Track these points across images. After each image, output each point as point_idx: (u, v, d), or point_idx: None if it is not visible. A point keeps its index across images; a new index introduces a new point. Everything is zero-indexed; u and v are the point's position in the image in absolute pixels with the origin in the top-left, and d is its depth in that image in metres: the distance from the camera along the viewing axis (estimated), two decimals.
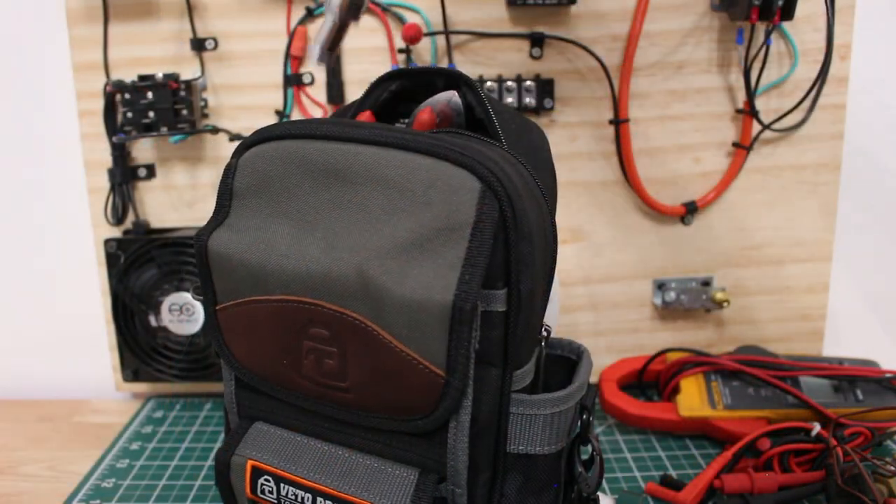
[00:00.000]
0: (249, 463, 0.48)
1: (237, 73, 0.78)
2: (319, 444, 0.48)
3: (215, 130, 0.78)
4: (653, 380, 0.78)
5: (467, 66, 0.77)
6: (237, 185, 0.47)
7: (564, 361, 0.52)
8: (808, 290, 0.83)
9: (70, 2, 0.76)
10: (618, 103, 0.77)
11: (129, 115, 0.75)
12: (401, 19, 0.76)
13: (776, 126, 0.78)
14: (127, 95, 0.75)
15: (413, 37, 0.72)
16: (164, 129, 0.75)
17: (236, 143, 0.79)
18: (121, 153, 0.78)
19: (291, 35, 0.76)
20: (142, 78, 0.75)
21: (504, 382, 0.43)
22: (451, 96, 0.50)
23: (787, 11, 0.71)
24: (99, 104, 0.78)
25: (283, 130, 0.46)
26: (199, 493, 0.64)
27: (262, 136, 0.47)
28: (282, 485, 0.46)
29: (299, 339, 0.45)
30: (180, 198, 0.81)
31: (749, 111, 0.77)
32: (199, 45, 0.76)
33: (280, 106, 0.78)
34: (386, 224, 0.42)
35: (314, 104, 0.78)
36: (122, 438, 0.75)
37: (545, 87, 0.77)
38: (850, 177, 0.84)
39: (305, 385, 0.46)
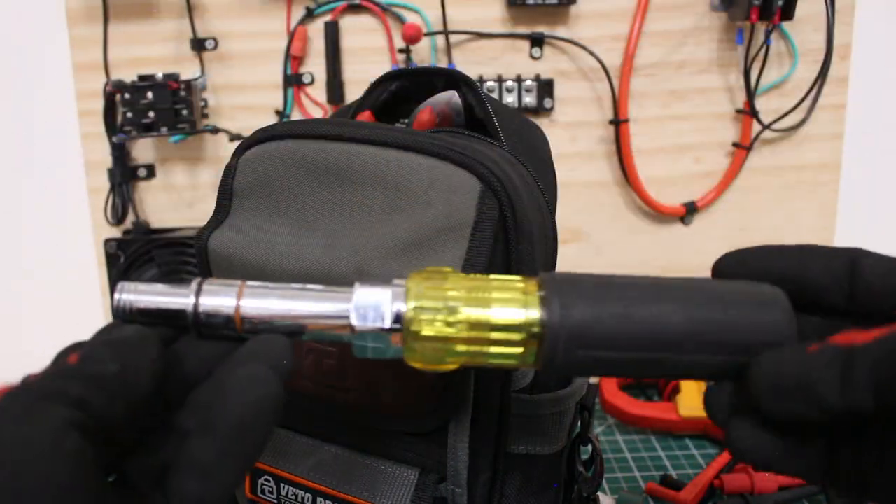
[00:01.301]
0: None
1: (237, 73, 0.78)
2: (319, 444, 0.48)
3: (215, 130, 0.78)
4: (653, 380, 0.78)
5: (467, 66, 0.77)
6: (237, 185, 0.47)
7: None
8: None
9: (70, 2, 0.76)
10: (618, 103, 0.77)
11: (129, 115, 0.75)
12: (401, 19, 0.76)
13: (776, 126, 0.78)
14: (127, 95, 0.75)
15: (413, 37, 0.72)
16: (164, 129, 0.75)
17: (236, 143, 0.78)
18: (121, 153, 0.78)
19: (291, 35, 0.76)
20: (142, 78, 0.75)
21: (504, 382, 0.43)
22: (451, 96, 0.50)
23: (787, 11, 0.71)
24: (99, 104, 0.78)
25: (282, 130, 0.46)
26: None
27: (262, 136, 0.47)
28: (282, 485, 0.46)
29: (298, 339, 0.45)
30: (180, 198, 0.81)
31: (749, 111, 0.77)
32: (199, 45, 0.76)
33: (280, 106, 0.78)
34: (386, 224, 0.42)
35: (314, 104, 0.78)
36: None
37: (545, 87, 0.77)
38: (850, 177, 0.84)
39: (305, 385, 0.46)
